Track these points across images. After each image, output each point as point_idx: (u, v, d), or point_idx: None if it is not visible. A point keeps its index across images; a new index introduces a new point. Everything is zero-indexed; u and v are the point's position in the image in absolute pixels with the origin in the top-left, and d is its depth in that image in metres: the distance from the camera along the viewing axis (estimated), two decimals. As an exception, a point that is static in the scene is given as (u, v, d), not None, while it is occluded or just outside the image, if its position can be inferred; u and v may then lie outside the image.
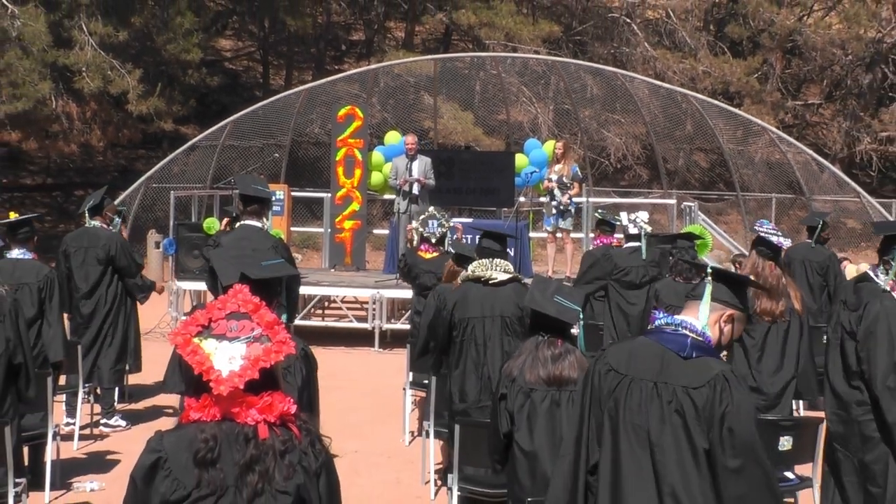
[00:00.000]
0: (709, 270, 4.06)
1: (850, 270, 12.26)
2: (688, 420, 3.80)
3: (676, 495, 3.78)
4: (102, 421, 10.22)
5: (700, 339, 3.97)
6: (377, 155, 18.36)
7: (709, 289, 4.02)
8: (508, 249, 9.49)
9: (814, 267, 11.63)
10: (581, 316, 5.57)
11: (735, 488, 3.74)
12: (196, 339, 3.22)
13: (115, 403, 10.51)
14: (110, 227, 10.61)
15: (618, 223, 12.10)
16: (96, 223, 10.28)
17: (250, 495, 3.18)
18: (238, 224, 9.07)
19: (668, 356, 3.92)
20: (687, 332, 3.97)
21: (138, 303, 10.63)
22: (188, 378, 3.34)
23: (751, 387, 7.13)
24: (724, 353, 4.14)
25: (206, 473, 3.18)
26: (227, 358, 3.17)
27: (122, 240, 10.57)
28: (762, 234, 7.45)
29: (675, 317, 4.06)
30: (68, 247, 10.19)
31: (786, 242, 7.53)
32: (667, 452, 3.82)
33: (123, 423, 10.28)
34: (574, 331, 5.63)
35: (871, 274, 6.22)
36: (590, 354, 5.72)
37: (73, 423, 9.53)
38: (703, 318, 3.99)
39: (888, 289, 6.02)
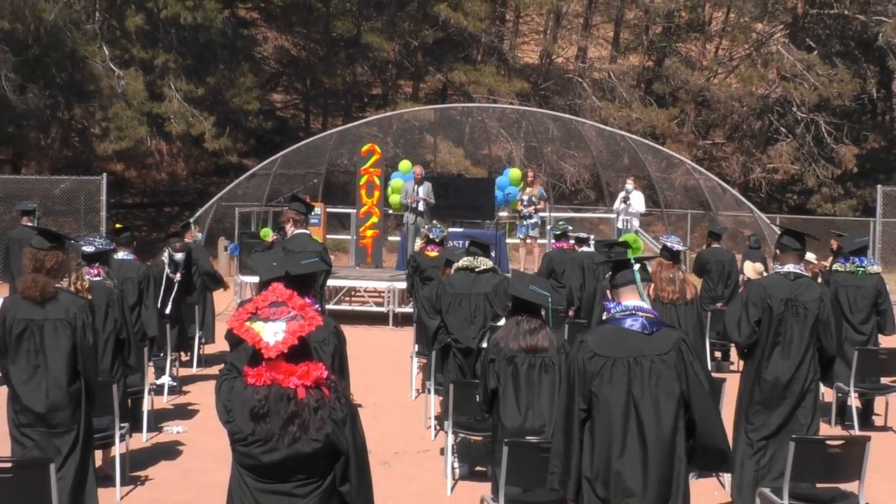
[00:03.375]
0: (633, 260, 4.13)
1: (748, 267, 12.24)
2: (662, 374, 3.86)
3: (654, 426, 3.85)
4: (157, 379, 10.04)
5: (651, 315, 3.99)
6: (397, 180, 18.35)
7: (638, 274, 4.07)
8: (492, 252, 9.51)
9: (723, 264, 11.70)
10: (549, 300, 5.59)
11: (702, 410, 3.87)
12: (248, 323, 3.30)
13: (195, 369, 10.47)
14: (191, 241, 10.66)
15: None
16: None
17: (290, 441, 3.23)
18: (292, 233, 9.01)
19: (635, 336, 3.93)
20: (639, 314, 3.97)
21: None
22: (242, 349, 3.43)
23: None
24: None
25: (258, 425, 3.25)
26: (272, 333, 3.24)
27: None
28: (665, 244, 7.76)
29: (624, 303, 4.04)
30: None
31: (682, 248, 7.89)
32: (648, 402, 3.85)
33: (174, 382, 9.86)
34: (542, 312, 5.66)
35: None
36: (554, 329, 5.77)
37: (163, 382, 9.54)
38: (644, 296, 4.06)
39: None
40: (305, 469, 3.27)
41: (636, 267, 4.09)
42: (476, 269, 7.55)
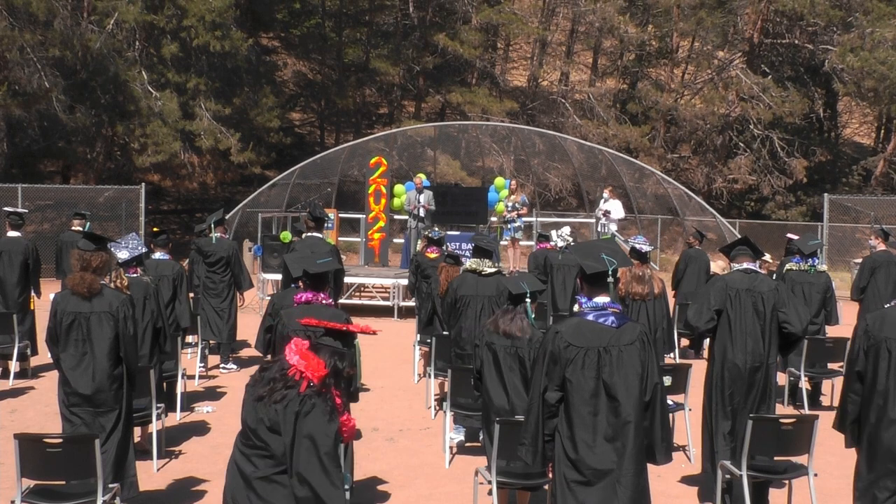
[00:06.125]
0: (611, 270, 4.03)
1: (713, 266, 12.22)
2: (629, 361, 3.90)
3: (624, 407, 3.88)
4: (221, 365, 10.15)
5: (617, 311, 4.00)
6: (400, 187, 18.38)
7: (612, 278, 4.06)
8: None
9: (699, 264, 11.70)
10: (528, 293, 5.60)
11: (657, 379, 4.00)
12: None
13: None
14: (227, 236, 10.49)
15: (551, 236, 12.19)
16: (218, 234, 10.11)
17: (260, 396, 3.32)
18: (305, 235, 9.05)
19: (605, 329, 3.94)
20: (609, 311, 3.97)
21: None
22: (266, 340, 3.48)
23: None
24: None
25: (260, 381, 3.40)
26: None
27: (236, 247, 10.42)
28: (633, 245, 7.77)
29: (595, 300, 4.01)
30: (203, 250, 10.02)
31: (649, 248, 7.91)
32: (617, 386, 3.89)
33: (234, 366, 10.22)
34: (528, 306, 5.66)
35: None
36: (537, 323, 5.75)
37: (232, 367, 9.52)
38: (613, 295, 4.06)
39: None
40: (267, 438, 3.27)
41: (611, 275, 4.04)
42: (481, 272, 7.28)
